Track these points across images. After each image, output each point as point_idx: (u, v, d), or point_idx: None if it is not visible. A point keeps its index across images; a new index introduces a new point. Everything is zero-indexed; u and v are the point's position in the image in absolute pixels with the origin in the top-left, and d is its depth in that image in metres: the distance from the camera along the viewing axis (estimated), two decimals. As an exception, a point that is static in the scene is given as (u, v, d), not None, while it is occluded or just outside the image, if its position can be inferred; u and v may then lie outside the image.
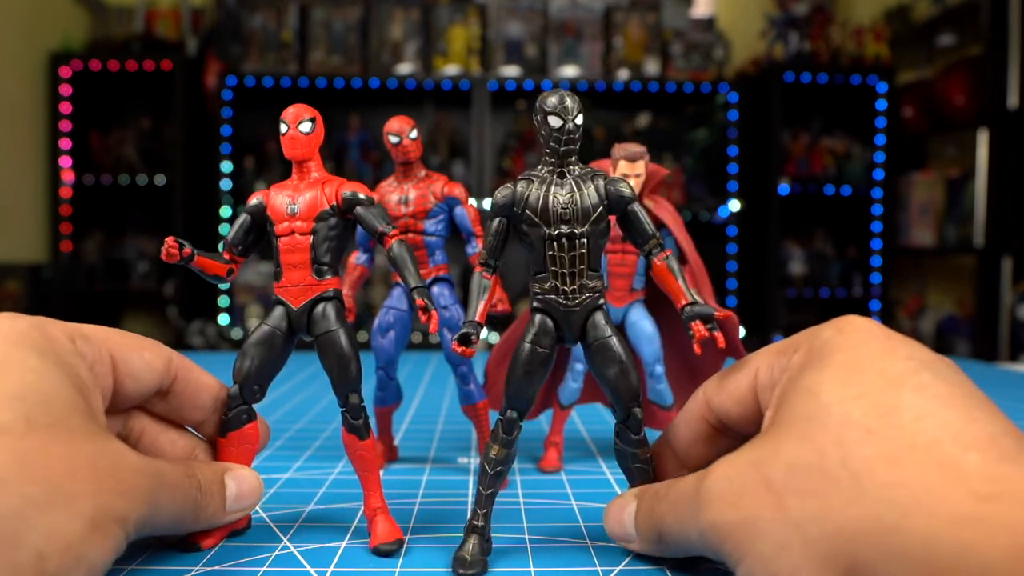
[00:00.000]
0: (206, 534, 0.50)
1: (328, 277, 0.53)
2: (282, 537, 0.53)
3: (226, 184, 3.04)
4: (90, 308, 3.23)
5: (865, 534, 0.31)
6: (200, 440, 0.54)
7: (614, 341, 0.49)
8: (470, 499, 0.62)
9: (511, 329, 0.73)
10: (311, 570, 0.47)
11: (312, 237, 0.52)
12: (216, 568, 0.47)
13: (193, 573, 0.46)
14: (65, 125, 3.10)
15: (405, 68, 3.04)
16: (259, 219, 0.54)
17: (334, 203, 0.52)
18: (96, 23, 3.35)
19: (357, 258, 0.71)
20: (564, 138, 0.48)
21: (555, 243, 0.49)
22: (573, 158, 0.49)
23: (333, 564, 0.48)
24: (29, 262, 2.99)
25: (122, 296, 3.33)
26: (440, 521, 0.56)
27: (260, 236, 0.55)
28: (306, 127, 0.52)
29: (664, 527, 0.43)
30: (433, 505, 0.60)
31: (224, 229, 2.98)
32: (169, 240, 0.51)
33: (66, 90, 3.10)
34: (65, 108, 3.10)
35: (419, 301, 0.50)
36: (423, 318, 0.50)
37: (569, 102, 0.48)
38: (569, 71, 3.07)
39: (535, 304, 0.50)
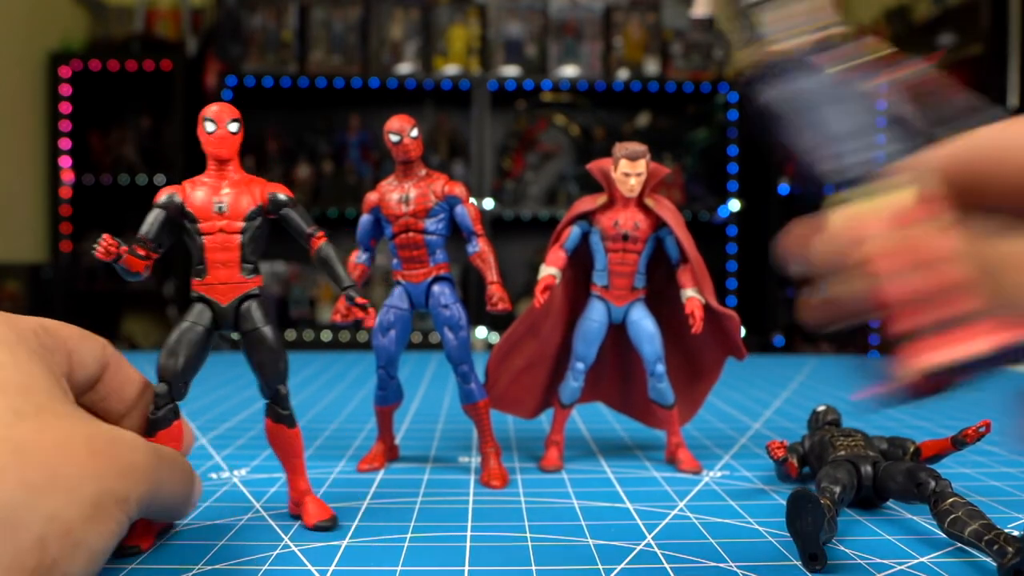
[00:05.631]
0: (145, 535, 0.49)
1: (254, 276, 0.55)
2: (283, 536, 0.52)
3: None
4: (90, 308, 3.23)
5: None
6: None
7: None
8: (471, 498, 0.62)
9: (512, 329, 0.73)
10: (312, 569, 0.47)
11: (241, 236, 0.54)
12: (217, 567, 0.47)
13: (194, 572, 0.46)
14: (65, 125, 3.10)
15: (405, 68, 3.04)
16: (174, 215, 0.54)
17: (260, 203, 0.54)
18: (96, 23, 3.34)
19: (357, 257, 0.71)
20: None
21: None
22: None
23: (334, 563, 0.48)
24: (29, 262, 2.99)
25: (122, 296, 3.33)
26: (441, 520, 0.56)
27: (172, 232, 0.55)
28: (234, 127, 0.54)
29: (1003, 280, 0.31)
30: (434, 504, 0.60)
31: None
32: (108, 237, 0.51)
33: (66, 90, 3.09)
34: (65, 108, 3.09)
35: (359, 300, 0.54)
36: (359, 314, 0.54)
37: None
38: (569, 71, 3.07)
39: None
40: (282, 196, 0.55)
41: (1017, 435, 0.34)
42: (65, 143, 3.10)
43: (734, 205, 3.13)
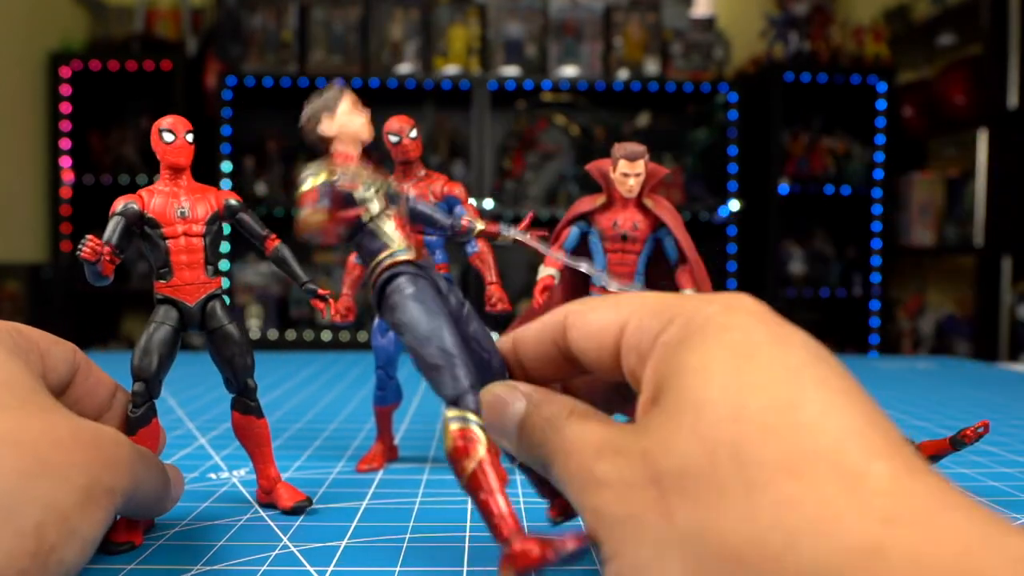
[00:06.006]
0: (133, 531, 0.50)
1: (216, 276, 0.58)
2: (282, 536, 0.53)
3: (226, 184, 3.04)
4: (90, 308, 3.23)
5: (749, 559, 0.26)
6: None
7: None
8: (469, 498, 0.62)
9: (511, 329, 0.73)
10: (311, 569, 0.47)
11: (204, 239, 0.57)
12: (215, 567, 0.47)
13: (193, 572, 0.46)
14: (65, 125, 3.11)
15: (405, 68, 3.04)
16: (132, 222, 0.56)
17: (216, 210, 0.58)
18: (96, 23, 3.35)
19: (356, 258, 0.71)
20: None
21: None
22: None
23: (333, 563, 0.48)
24: (29, 262, 2.99)
25: (122, 296, 3.33)
26: (440, 520, 0.56)
27: (131, 239, 0.57)
28: (191, 137, 0.56)
29: (558, 471, 0.37)
30: (433, 505, 0.60)
31: (225, 229, 2.98)
32: (93, 238, 0.52)
33: (66, 90, 3.10)
34: (65, 108, 3.10)
35: (321, 291, 0.58)
36: (319, 305, 0.57)
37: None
38: (569, 71, 3.07)
39: None
40: (234, 202, 0.58)
41: None
42: (65, 143, 3.10)
43: (734, 205, 3.13)
